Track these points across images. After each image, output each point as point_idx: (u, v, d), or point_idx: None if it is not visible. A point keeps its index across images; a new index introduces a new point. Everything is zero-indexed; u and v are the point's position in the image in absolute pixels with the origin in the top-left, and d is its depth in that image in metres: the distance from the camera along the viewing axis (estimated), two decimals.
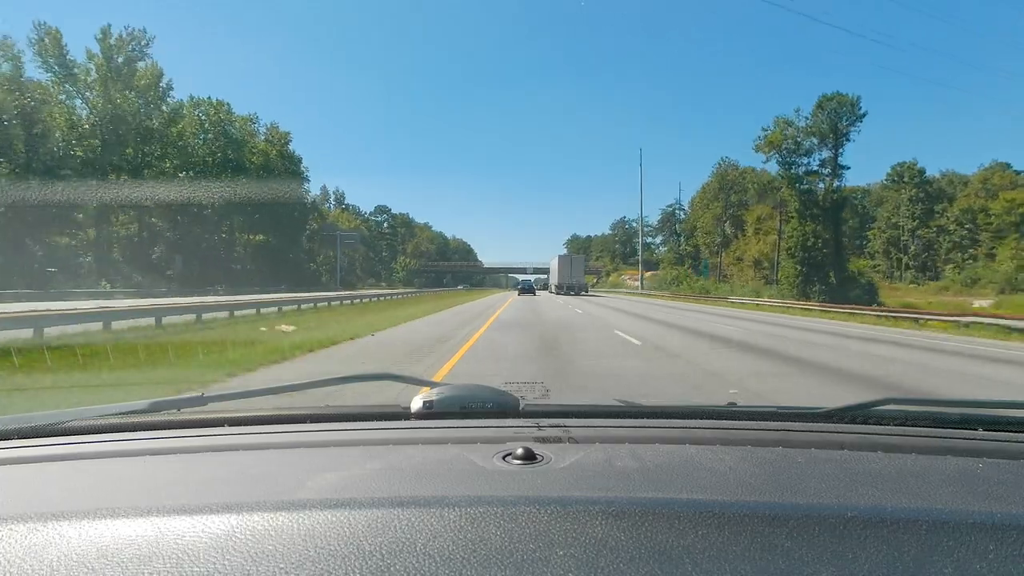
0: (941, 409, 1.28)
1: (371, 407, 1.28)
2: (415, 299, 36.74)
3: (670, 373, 7.84)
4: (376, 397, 1.46)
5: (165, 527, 0.67)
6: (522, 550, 0.61)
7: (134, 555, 0.62)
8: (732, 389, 6.48)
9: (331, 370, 7.69)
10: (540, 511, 0.68)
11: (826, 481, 0.83)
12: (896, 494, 0.79)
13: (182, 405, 1.30)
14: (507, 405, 1.20)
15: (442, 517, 0.67)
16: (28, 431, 1.12)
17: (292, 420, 1.22)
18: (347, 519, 0.67)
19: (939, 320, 18.67)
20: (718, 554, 0.61)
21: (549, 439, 1.04)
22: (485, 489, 0.80)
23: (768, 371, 8.19)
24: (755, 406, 1.50)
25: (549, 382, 4.36)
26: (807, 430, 1.15)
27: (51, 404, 5.10)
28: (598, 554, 0.61)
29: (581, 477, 0.84)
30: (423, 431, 1.12)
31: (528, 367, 8.12)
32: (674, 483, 0.83)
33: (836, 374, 8.12)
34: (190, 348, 8.88)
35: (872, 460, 0.95)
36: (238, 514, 0.69)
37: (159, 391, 5.77)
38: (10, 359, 7.11)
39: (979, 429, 1.14)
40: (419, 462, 0.93)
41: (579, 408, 1.30)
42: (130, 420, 1.19)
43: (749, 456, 0.96)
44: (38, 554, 0.63)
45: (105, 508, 0.71)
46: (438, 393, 1.22)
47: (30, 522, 0.68)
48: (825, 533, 0.65)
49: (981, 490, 0.81)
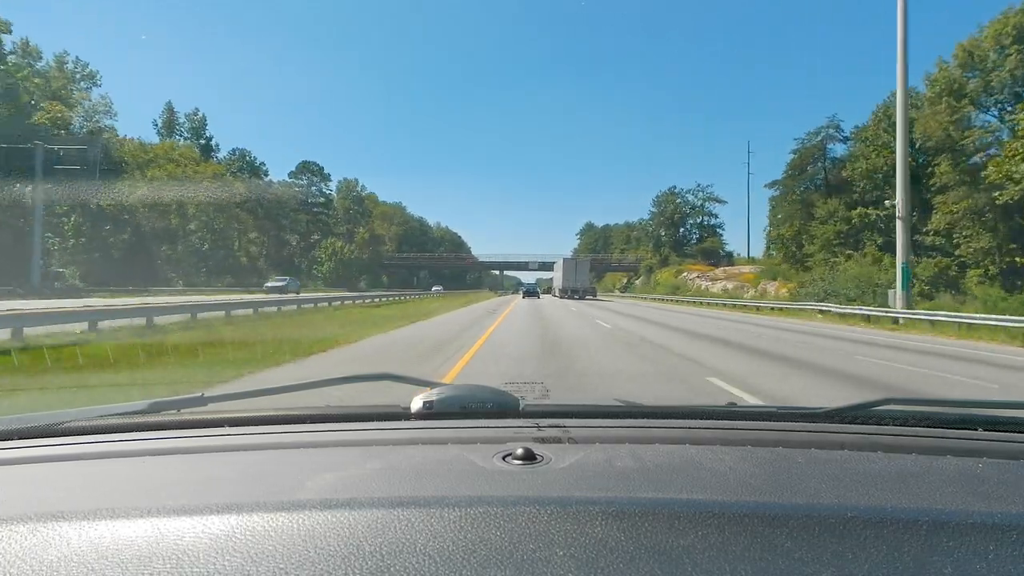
0: (941, 409, 1.28)
1: (371, 407, 1.28)
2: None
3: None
4: (376, 397, 1.40)
5: (165, 527, 0.67)
6: (522, 550, 0.61)
7: (134, 555, 0.62)
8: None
9: None
10: (540, 511, 0.68)
11: (826, 481, 0.83)
12: (896, 494, 0.79)
13: (182, 405, 1.30)
14: (507, 405, 1.21)
15: (442, 517, 0.67)
16: (28, 431, 1.12)
17: (292, 420, 1.22)
18: (347, 519, 0.67)
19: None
20: (718, 554, 0.61)
21: (549, 439, 1.04)
22: (485, 489, 0.80)
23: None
24: (755, 406, 1.50)
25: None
26: (807, 430, 1.15)
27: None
28: (598, 554, 0.61)
29: (581, 477, 0.84)
30: (423, 431, 1.12)
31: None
32: (674, 483, 0.83)
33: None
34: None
35: (872, 460, 0.95)
36: (238, 514, 0.69)
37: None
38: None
39: (979, 429, 1.14)
40: (419, 462, 0.93)
41: (579, 408, 1.30)
42: (130, 420, 1.19)
43: (749, 456, 0.96)
44: (38, 554, 0.63)
45: (105, 508, 0.72)
46: (438, 393, 1.22)
47: (30, 522, 0.68)
48: (825, 533, 0.65)
49: (981, 490, 0.81)
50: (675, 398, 5.99)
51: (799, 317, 26.90)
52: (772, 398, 7.03)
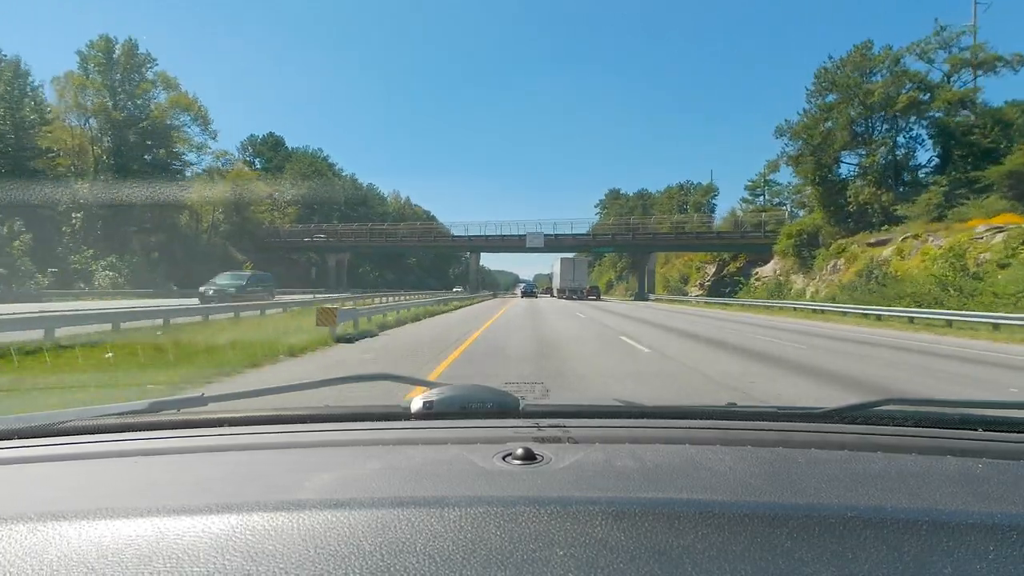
0: (941, 409, 1.28)
1: (371, 407, 1.28)
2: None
3: None
4: (376, 398, 1.42)
5: (165, 527, 0.67)
6: (522, 550, 0.61)
7: (134, 555, 0.62)
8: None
9: None
10: (540, 511, 0.68)
11: (826, 481, 0.83)
12: (896, 494, 0.79)
13: (182, 405, 1.30)
14: (507, 405, 1.20)
15: (442, 517, 0.67)
16: (28, 431, 1.12)
17: (292, 420, 1.22)
18: (347, 519, 0.67)
19: None
20: (718, 554, 0.61)
21: (549, 439, 1.04)
22: (485, 489, 0.80)
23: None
24: (755, 406, 1.49)
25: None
26: (807, 430, 1.15)
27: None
28: (598, 554, 0.61)
29: (581, 477, 0.84)
30: (423, 431, 1.12)
31: None
32: (674, 483, 0.83)
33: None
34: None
35: (872, 460, 0.95)
36: (238, 514, 0.69)
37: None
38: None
39: (979, 429, 1.14)
40: (419, 462, 0.93)
41: (579, 408, 1.29)
42: (130, 420, 1.19)
43: (749, 456, 0.96)
44: (38, 554, 0.63)
45: (105, 508, 0.71)
46: (438, 393, 1.22)
47: (30, 522, 0.68)
48: (825, 533, 0.65)
49: (981, 490, 0.81)
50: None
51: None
52: None
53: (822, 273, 35.57)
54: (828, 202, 38.09)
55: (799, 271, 38.54)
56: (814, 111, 40.82)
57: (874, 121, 38.73)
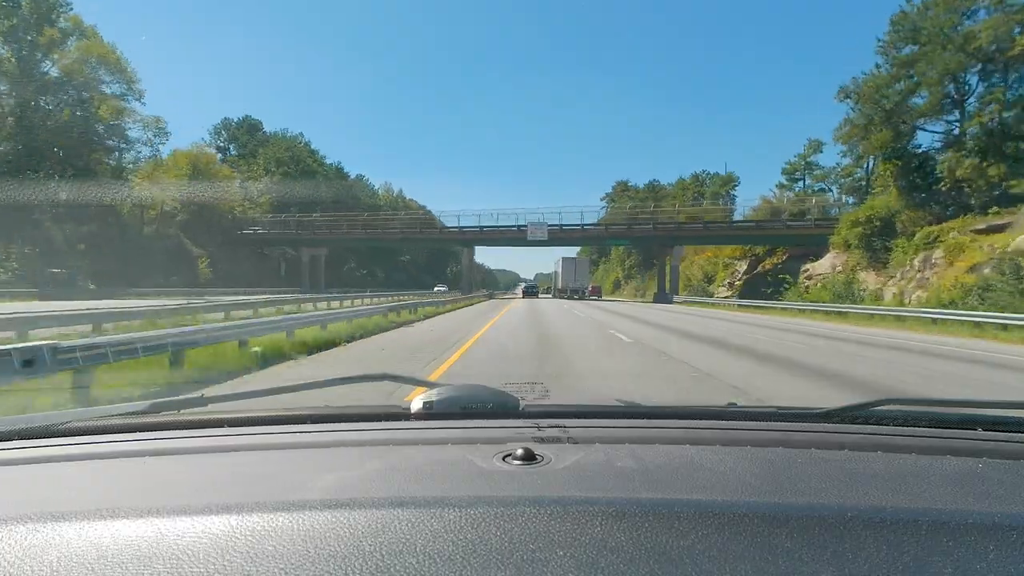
0: (941, 409, 1.29)
1: (371, 407, 1.29)
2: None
3: None
4: (376, 398, 1.45)
5: (165, 528, 0.67)
6: (522, 551, 0.62)
7: (134, 556, 0.62)
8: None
9: None
10: (540, 511, 0.68)
11: (826, 481, 0.83)
12: (896, 494, 0.79)
13: (182, 406, 1.31)
14: (507, 405, 1.21)
15: (442, 518, 0.67)
16: (28, 431, 1.12)
17: (292, 421, 1.22)
18: (347, 520, 0.67)
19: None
20: (718, 554, 0.61)
21: (549, 439, 1.04)
22: (485, 490, 0.80)
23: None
24: (755, 406, 1.50)
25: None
26: (807, 430, 1.15)
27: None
28: (598, 555, 0.61)
29: (581, 477, 0.84)
30: (423, 431, 1.12)
31: None
32: (674, 483, 0.83)
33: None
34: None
35: (872, 460, 0.96)
36: (238, 515, 0.69)
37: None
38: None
39: (979, 429, 1.14)
40: (419, 463, 0.93)
41: (579, 408, 1.31)
42: (130, 421, 1.19)
43: (749, 456, 0.96)
44: (38, 554, 0.63)
45: (105, 509, 0.71)
46: (438, 394, 1.23)
47: (30, 522, 0.68)
48: (825, 533, 0.65)
49: (981, 490, 0.81)
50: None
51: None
52: None
53: (903, 269, 27.48)
54: (906, 181, 30.09)
55: (868, 267, 30.17)
56: (887, 69, 31.75)
57: (969, 77, 30.00)
